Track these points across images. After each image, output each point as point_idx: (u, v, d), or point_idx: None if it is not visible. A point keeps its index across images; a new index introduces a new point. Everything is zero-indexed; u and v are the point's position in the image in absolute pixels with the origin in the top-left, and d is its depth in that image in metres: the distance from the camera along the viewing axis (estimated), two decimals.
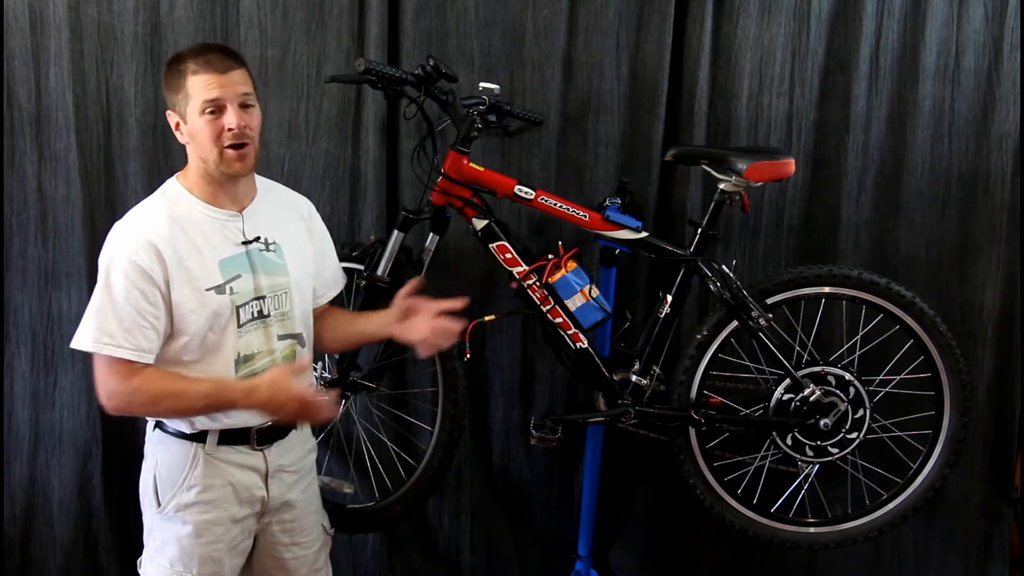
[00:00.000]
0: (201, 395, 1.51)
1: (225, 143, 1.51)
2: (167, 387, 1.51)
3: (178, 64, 1.52)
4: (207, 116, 1.50)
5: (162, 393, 1.50)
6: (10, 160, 2.20)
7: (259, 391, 1.51)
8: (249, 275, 1.58)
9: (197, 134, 1.51)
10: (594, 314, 2.01)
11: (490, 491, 2.39)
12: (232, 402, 1.53)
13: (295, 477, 1.70)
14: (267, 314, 1.60)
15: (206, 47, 1.55)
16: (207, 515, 1.57)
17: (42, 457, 2.32)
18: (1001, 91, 2.19)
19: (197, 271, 1.52)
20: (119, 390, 1.49)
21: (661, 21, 2.16)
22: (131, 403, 1.52)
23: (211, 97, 1.49)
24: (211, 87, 1.49)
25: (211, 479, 1.57)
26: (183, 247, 1.51)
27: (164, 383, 1.51)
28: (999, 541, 2.37)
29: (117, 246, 1.50)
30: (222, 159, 1.52)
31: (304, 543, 1.74)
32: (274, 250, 1.62)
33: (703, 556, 2.39)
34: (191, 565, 1.58)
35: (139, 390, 1.49)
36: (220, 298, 1.53)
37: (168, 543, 1.59)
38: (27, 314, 2.26)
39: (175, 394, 1.50)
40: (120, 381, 1.49)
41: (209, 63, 1.50)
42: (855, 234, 2.25)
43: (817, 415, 2.00)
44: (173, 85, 1.53)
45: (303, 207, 1.75)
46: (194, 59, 1.51)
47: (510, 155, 2.23)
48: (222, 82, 1.50)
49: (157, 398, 1.50)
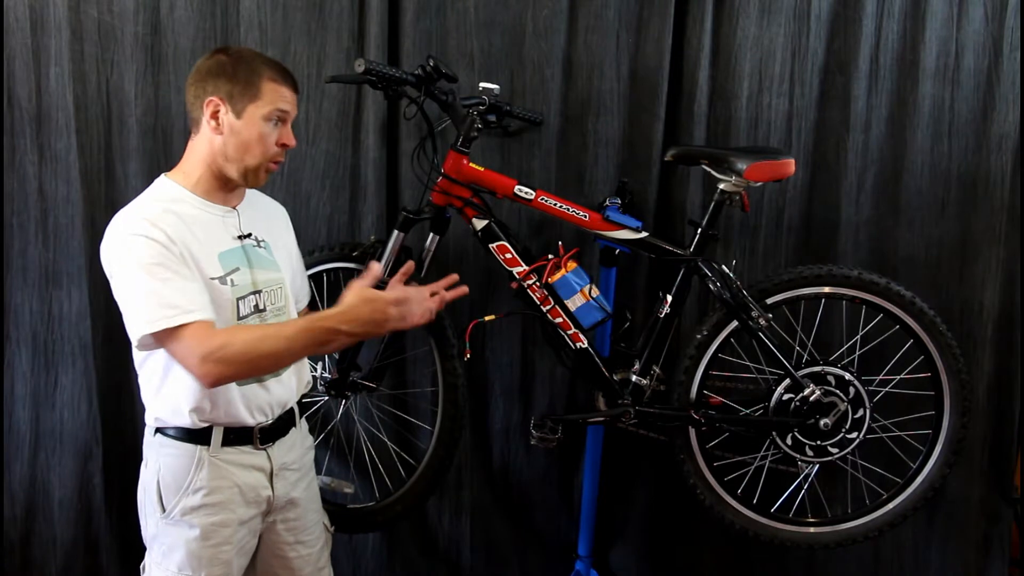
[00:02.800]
0: (298, 330, 1.42)
1: (272, 158, 1.56)
2: (258, 332, 1.44)
3: (251, 61, 1.53)
4: (270, 124, 1.53)
5: (255, 338, 1.42)
6: (10, 160, 2.20)
7: (354, 308, 1.43)
8: (247, 269, 1.58)
9: (249, 135, 1.52)
10: (594, 314, 2.01)
11: (490, 491, 2.39)
12: (331, 330, 1.42)
13: (297, 475, 1.72)
14: (264, 308, 1.60)
15: (277, 61, 1.59)
16: (214, 517, 1.57)
17: (42, 457, 2.32)
18: (1001, 91, 2.20)
19: (202, 259, 1.51)
20: (209, 350, 1.39)
21: (661, 21, 2.16)
22: (226, 358, 1.40)
23: (285, 108, 1.55)
24: (287, 100, 1.55)
25: (217, 481, 1.57)
26: (186, 236, 1.49)
27: (251, 331, 1.45)
28: (999, 541, 2.37)
29: (121, 233, 1.45)
30: (259, 170, 1.56)
31: (308, 541, 1.76)
32: (264, 247, 1.64)
33: (703, 556, 2.39)
34: (200, 568, 1.57)
35: (230, 342, 1.40)
36: (222, 288, 1.53)
37: (175, 548, 1.57)
38: (27, 314, 2.26)
39: (270, 335, 1.42)
40: (206, 341, 1.40)
41: (287, 78, 1.56)
42: (855, 234, 2.25)
43: (817, 415, 2.00)
44: (239, 78, 1.50)
45: (282, 213, 1.80)
46: (270, 66, 1.55)
47: (510, 155, 2.23)
48: (294, 100, 1.57)
49: (251, 344, 1.41)
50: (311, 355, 1.53)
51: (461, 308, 2.26)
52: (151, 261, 1.42)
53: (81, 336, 2.26)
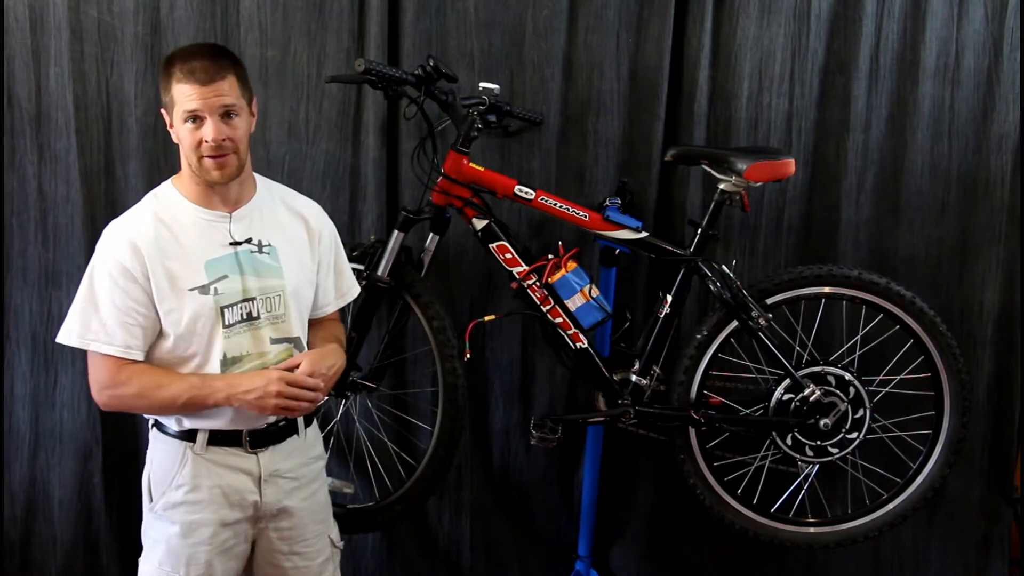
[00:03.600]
0: (185, 387, 1.51)
1: (203, 153, 1.52)
2: (152, 380, 1.52)
3: (168, 67, 1.52)
4: (188, 124, 1.51)
5: (148, 386, 1.51)
6: (10, 160, 2.20)
7: (242, 382, 1.51)
8: (237, 276, 1.56)
9: (181, 140, 1.54)
10: (594, 314, 2.01)
11: (490, 491, 2.39)
12: (215, 391, 1.51)
13: (294, 484, 1.66)
14: (256, 316, 1.58)
15: (197, 50, 1.53)
16: (194, 515, 1.57)
17: (42, 457, 2.32)
18: (1001, 91, 2.20)
19: (180, 271, 1.52)
20: (107, 384, 1.52)
21: (661, 21, 2.16)
22: (119, 397, 1.53)
23: (191, 108, 1.49)
24: (192, 98, 1.49)
25: (199, 479, 1.56)
26: (168, 248, 1.52)
27: (149, 377, 1.52)
28: (999, 541, 2.37)
29: (102, 247, 1.53)
30: (201, 166, 1.53)
31: (306, 553, 1.69)
32: (268, 252, 1.60)
33: (703, 556, 2.39)
34: (179, 565, 1.57)
35: (125, 384, 1.51)
36: (203, 298, 1.52)
37: (159, 542, 1.59)
38: (27, 314, 2.26)
39: (160, 386, 1.51)
40: (108, 376, 1.51)
41: (193, 72, 1.48)
42: (855, 234, 2.25)
43: (817, 415, 2.00)
44: (163, 86, 1.54)
45: (308, 211, 1.70)
46: (180, 64, 1.50)
47: (510, 155, 2.23)
48: (203, 93, 1.49)
49: (143, 391, 1.51)
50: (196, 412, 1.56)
51: (461, 308, 2.27)
52: (105, 282, 1.50)
53: None
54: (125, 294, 1.50)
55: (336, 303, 1.76)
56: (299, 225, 1.68)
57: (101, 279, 1.51)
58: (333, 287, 1.75)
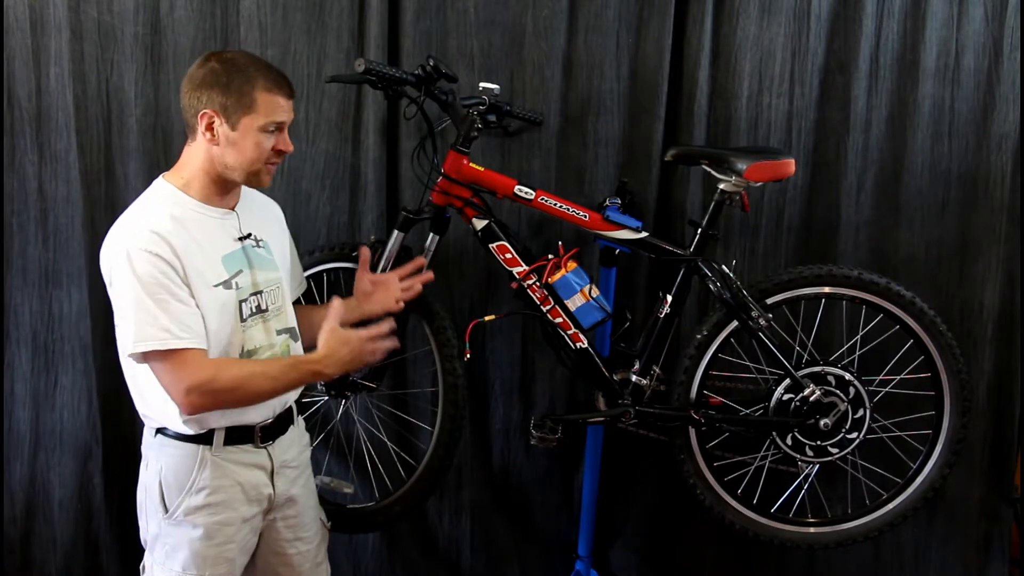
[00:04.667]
0: (284, 369, 1.53)
1: (269, 160, 1.56)
2: (246, 369, 1.50)
3: (244, 70, 1.50)
4: (267, 133, 1.53)
5: (243, 376, 1.49)
6: (10, 160, 2.20)
7: (336, 351, 1.55)
8: (248, 270, 1.60)
9: (245, 145, 1.51)
10: (594, 314, 2.01)
11: (490, 491, 2.39)
12: (315, 372, 1.56)
13: (296, 472, 1.73)
14: (265, 308, 1.62)
15: (266, 64, 1.56)
16: (218, 516, 1.58)
17: (42, 457, 2.32)
18: (1001, 91, 2.20)
19: (204, 268, 1.52)
20: (198, 381, 1.44)
21: (661, 21, 2.16)
22: (213, 391, 1.46)
23: (280, 120, 1.54)
24: (282, 110, 1.54)
25: (219, 480, 1.57)
26: (190, 246, 1.50)
27: (240, 367, 1.50)
28: (999, 541, 2.37)
29: (126, 243, 1.45)
30: (258, 175, 1.56)
31: (306, 538, 1.77)
32: (263, 246, 1.66)
33: (703, 556, 2.39)
34: (204, 568, 1.58)
35: (217, 376, 1.46)
36: (227, 293, 1.54)
37: (179, 548, 1.58)
38: (27, 314, 2.26)
39: (257, 373, 1.50)
40: (195, 372, 1.44)
41: (281, 85, 1.54)
42: (855, 234, 2.25)
43: (817, 415, 2.00)
44: (233, 89, 1.49)
45: (276, 209, 1.80)
46: (265, 75, 1.51)
47: (510, 155, 2.23)
48: (289, 108, 1.56)
49: (239, 380, 1.48)
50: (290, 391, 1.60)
51: (461, 308, 2.27)
52: (151, 280, 1.43)
53: (81, 336, 2.26)
54: (172, 283, 1.45)
55: (296, 292, 1.84)
56: (274, 219, 1.77)
57: (144, 272, 1.43)
58: (297, 276, 1.85)
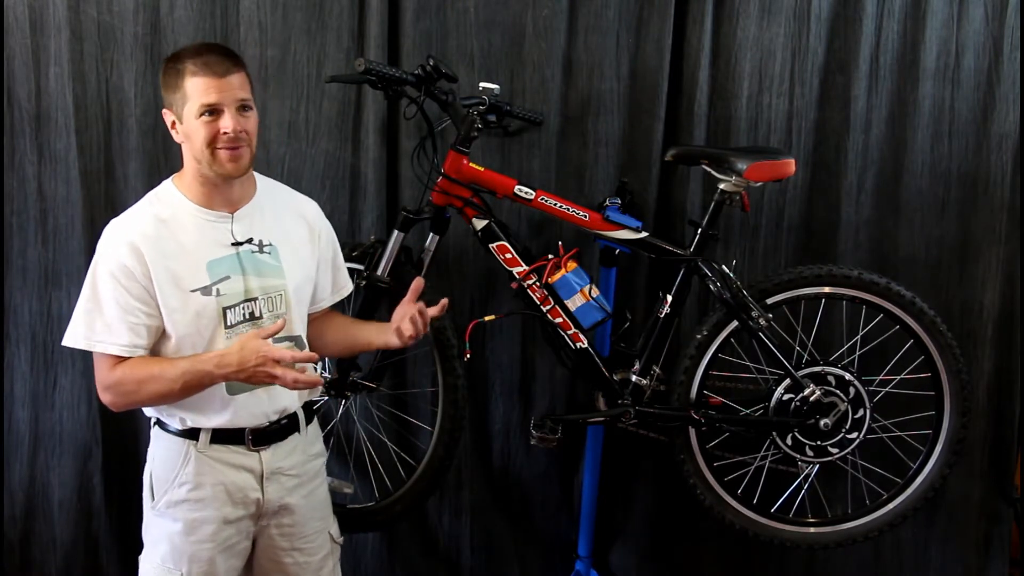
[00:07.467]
0: (179, 372, 1.49)
1: (219, 145, 1.50)
2: (147, 371, 1.51)
3: (176, 63, 1.51)
4: (204, 119, 1.49)
5: (143, 377, 1.51)
6: (10, 160, 2.20)
7: (229, 355, 1.47)
8: (239, 277, 1.57)
9: (192, 136, 1.51)
10: (594, 314, 2.01)
11: (490, 491, 2.39)
12: (207, 373, 1.48)
13: (295, 481, 1.68)
14: (259, 316, 1.59)
15: (206, 47, 1.53)
16: (197, 513, 1.58)
17: (42, 457, 2.32)
18: (1001, 91, 2.20)
19: (182, 272, 1.52)
20: (108, 382, 1.52)
21: (661, 21, 2.16)
22: (121, 392, 1.52)
23: (209, 101, 1.48)
24: (209, 91, 1.48)
25: (202, 477, 1.57)
26: (169, 248, 1.52)
27: (143, 368, 1.52)
28: (999, 541, 2.37)
29: (103, 247, 1.53)
30: (215, 160, 1.51)
31: (306, 549, 1.71)
32: (269, 252, 1.61)
33: (703, 556, 2.39)
34: (181, 563, 1.58)
35: (124, 378, 1.51)
36: (205, 299, 1.53)
37: (160, 539, 1.60)
38: (27, 314, 2.26)
39: (154, 376, 1.50)
40: (107, 374, 1.52)
41: (208, 65, 1.48)
42: (855, 234, 2.25)
43: (817, 415, 2.00)
44: (171, 84, 1.52)
45: (307, 209, 1.72)
46: (193, 60, 1.49)
47: (510, 155, 2.23)
48: (221, 86, 1.48)
49: (140, 383, 1.51)
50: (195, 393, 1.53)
51: (461, 308, 2.26)
52: (102, 281, 1.51)
53: None
54: (128, 293, 1.50)
55: (332, 298, 1.80)
56: (300, 224, 1.69)
57: (103, 279, 1.51)
58: (331, 283, 1.78)
